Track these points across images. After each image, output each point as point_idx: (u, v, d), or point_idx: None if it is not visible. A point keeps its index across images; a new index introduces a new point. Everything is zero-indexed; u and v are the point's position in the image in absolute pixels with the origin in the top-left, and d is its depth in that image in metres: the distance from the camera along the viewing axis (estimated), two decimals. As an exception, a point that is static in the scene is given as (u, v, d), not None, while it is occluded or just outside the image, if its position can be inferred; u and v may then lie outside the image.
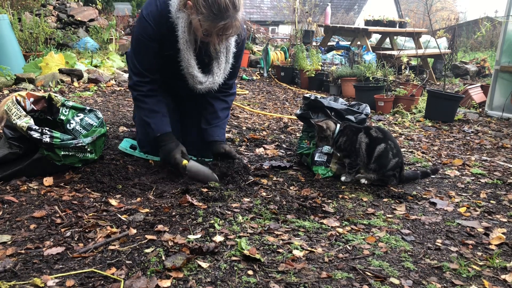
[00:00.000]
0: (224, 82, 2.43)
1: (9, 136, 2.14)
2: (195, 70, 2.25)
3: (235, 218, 1.83)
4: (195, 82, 2.28)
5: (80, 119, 2.43)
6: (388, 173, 2.32)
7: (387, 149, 2.30)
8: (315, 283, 1.39)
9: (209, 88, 2.33)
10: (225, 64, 2.32)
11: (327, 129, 2.36)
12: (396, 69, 5.53)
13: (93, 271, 1.39)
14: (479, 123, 4.29)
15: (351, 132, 2.36)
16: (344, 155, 2.38)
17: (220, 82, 2.34)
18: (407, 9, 22.68)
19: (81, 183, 2.13)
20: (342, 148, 2.36)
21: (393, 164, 2.31)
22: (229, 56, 2.31)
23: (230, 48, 2.29)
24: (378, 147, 2.30)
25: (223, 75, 2.33)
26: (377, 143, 2.31)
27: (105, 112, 3.71)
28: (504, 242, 1.74)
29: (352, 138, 2.34)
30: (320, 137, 2.39)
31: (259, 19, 16.66)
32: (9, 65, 4.63)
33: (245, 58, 8.11)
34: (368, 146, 2.32)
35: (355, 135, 2.34)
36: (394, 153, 2.31)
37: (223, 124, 2.51)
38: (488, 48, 12.55)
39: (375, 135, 2.34)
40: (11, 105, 2.20)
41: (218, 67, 2.30)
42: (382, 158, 2.30)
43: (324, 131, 2.36)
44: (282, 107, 4.73)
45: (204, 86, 2.30)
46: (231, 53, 2.31)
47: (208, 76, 2.30)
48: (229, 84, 2.51)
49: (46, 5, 8.01)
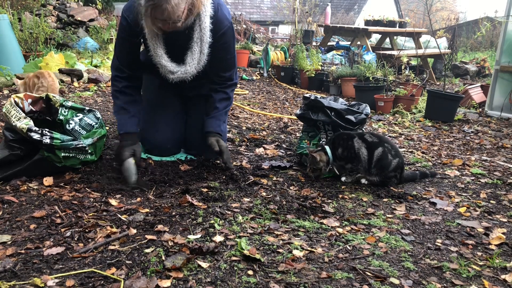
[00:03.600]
0: (220, 75, 2.46)
1: (9, 138, 2.13)
2: (164, 60, 2.25)
3: (235, 218, 1.83)
4: (165, 71, 2.29)
5: (79, 119, 2.43)
6: (390, 174, 2.32)
7: (385, 152, 2.30)
8: (315, 283, 1.39)
9: (182, 78, 2.32)
10: (199, 55, 2.29)
11: (320, 162, 2.34)
12: (396, 69, 5.53)
13: (93, 271, 1.39)
14: (479, 123, 4.29)
15: (343, 140, 2.37)
16: (346, 162, 2.38)
17: (193, 72, 2.31)
18: (407, 9, 22.69)
19: (81, 183, 2.13)
20: (342, 157, 2.36)
21: (394, 165, 2.31)
22: (204, 46, 2.27)
23: (204, 39, 2.25)
24: (376, 152, 2.31)
25: (197, 65, 2.31)
26: (374, 147, 2.32)
27: (105, 112, 3.71)
28: (504, 242, 1.74)
29: (348, 145, 2.34)
30: (312, 168, 2.37)
31: (259, 19, 16.66)
32: (9, 65, 4.63)
33: (245, 58, 8.10)
34: (367, 152, 2.32)
35: (350, 141, 2.35)
36: (393, 154, 2.32)
37: (220, 115, 2.50)
38: (488, 48, 12.55)
39: (371, 140, 2.35)
40: (9, 107, 2.19)
41: (191, 57, 2.28)
42: (382, 161, 2.30)
43: (317, 163, 2.34)
44: (282, 107, 4.73)
45: (176, 76, 2.30)
46: (205, 43, 2.26)
47: (181, 66, 2.29)
48: (226, 76, 2.51)
49: (46, 5, 8.01)
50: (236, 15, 10.69)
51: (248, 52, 8.20)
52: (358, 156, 2.32)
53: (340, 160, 2.38)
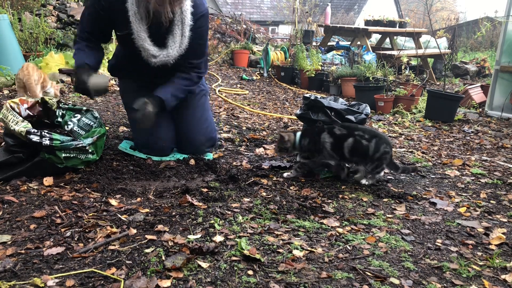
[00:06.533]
0: (189, 62, 2.44)
1: (10, 143, 2.13)
2: (147, 43, 2.26)
3: (235, 218, 1.83)
4: (148, 55, 2.30)
5: (78, 119, 2.43)
6: (375, 156, 2.30)
7: (357, 140, 2.30)
8: (315, 283, 1.39)
9: (164, 62, 2.33)
10: (180, 38, 2.30)
11: (288, 141, 2.40)
12: (396, 69, 5.53)
13: (93, 271, 1.39)
14: (479, 123, 4.29)
15: (313, 133, 2.40)
16: (308, 155, 2.41)
17: (175, 55, 2.33)
18: (407, 9, 22.68)
19: (81, 183, 2.13)
20: (305, 149, 2.40)
21: (373, 146, 2.29)
22: (185, 29, 2.29)
23: (185, 21, 2.28)
24: (346, 143, 2.31)
25: (179, 48, 2.32)
26: (343, 139, 2.32)
27: (105, 112, 3.71)
28: (504, 242, 1.74)
29: (315, 139, 2.37)
30: (280, 147, 2.43)
31: (259, 19, 16.66)
32: (9, 65, 4.62)
33: (245, 58, 8.11)
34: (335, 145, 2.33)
35: (318, 135, 2.37)
36: (367, 138, 2.30)
37: (172, 87, 2.46)
38: (488, 48, 12.55)
39: (339, 133, 2.35)
40: (6, 113, 2.18)
41: (173, 40, 2.30)
42: (357, 150, 2.30)
43: (284, 142, 2.39)
44: (282, 107, 4.73)
45: (158, 59, 2.31)
46: (186, 26, 2.29)
47: (162, 50, 2.30)
48: (194, 63, 2.50)
49: (46, 5, 8.00)
50: (236, 15, 10.68)
51: (248, 52, 8.21)
52: (322, 150, 2.35)
53: (304, 151, 2.41)
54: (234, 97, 5.17)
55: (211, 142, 2.74)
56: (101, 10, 2.27)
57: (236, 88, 5.83)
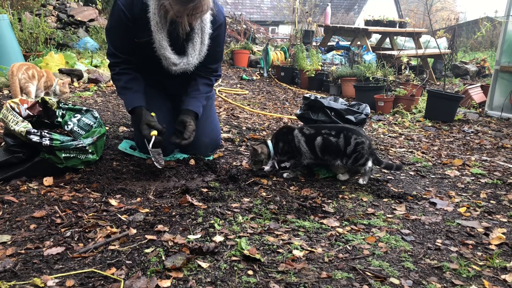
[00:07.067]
0: (207, 66, 2.47)
1: (10, 144, 2.13)
2: (168, 52, 2.27)
3: (235, 218, 1.83)
4: (168, 63, 2.31)
5: (78, 119, 2.43)
6: (347, 150, 2.29)
7: (325, 138, 2.31)
8: (315, 283, 1.39)
9: (184, 69, 2.35)
10: (200, 45, 2.32)
11: (261, 154, 2.38)
12: (396, 69, 5.53)
13: (93, 271, 1.39)
14: (479, 123, 4.29)
15: (283, 135, 2.41)
16: (288, 157, 2.41)
17: (195, 63, 2.35)
18: (407, 9, 22.68)
19: (81, 183, 2.13)
20: (284, 152, 2.40)
21: (342, 142, 2.29)
22: (205, 37, 2.32)
23: (205, 30, 2.30)
24: (316, 142, 2.32)
25: (198, 56, 2.34)
26: (312, 139, 2.33)
27: (105, 112, 3.71)
28: (504, 242, 1.74)
29: (288, 139, 2.37)
30: (254, 160, 2.40)
31: (259, 19, 16.66)
32: (9, 65, 4.60)
33: (245, 58, 8.11)
34: (308, 144, 2.34)
35: (290, 134, 2.38)
36: (334, 134, 2.30)
37: (202, 98, 2.51)
38: (488, 48, 12.55)
39: (308, 133, 2.36)
40: (6, 113, 2.18)
41: (193, 48, 2.31)
42: (329, 147, 2.31)
43: (258, 155, 2.38)
44: (282, 107, 4.73)
45: (179, 67, 2.33)
46: (206, 34, 2.31)
47: (182, 58, 2.31)
48: (213, 68, 2.54)
49: (46, 5, 8.00)
50: (236, 15, 10.69)
51: (248, 52, 8.21)
52: (299, 150, 2.36)
53: (282, 155, 2.42)
54: (234, 97, 5.17)
55: (214, 145, 2.75)
56: (120, 22, 2.23)
57: (236, 88, 5.84)
